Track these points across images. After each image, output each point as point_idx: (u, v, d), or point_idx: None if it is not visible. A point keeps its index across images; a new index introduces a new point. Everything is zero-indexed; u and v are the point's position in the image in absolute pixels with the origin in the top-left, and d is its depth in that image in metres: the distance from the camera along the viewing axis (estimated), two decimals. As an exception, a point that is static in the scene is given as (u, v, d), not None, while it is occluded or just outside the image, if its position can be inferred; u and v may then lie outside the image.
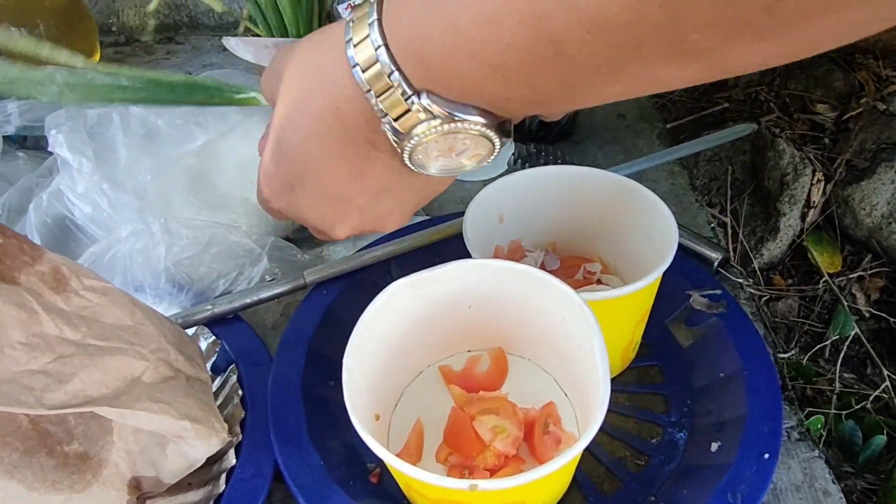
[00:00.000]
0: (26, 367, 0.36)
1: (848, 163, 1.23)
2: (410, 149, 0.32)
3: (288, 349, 0.49)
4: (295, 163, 0.35)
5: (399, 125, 0.31)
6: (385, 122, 0.31)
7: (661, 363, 0.50)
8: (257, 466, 0.43)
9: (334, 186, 0.35)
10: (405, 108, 0.30)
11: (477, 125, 0.31)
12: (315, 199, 0.36)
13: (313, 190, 0.36)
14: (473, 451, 0.42)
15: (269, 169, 0.37)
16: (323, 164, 0.34)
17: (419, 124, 0.31)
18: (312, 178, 0.35)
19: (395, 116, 0.31)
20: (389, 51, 0.29)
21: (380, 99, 0.30)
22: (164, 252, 0.49)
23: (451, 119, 0.30)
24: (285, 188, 0.37)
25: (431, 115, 0.30)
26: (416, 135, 0.31)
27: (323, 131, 0.33)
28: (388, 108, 0.30)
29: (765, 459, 0.40)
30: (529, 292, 0.43)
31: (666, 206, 0.46)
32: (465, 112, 0.30)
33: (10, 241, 0.38)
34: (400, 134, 0.31)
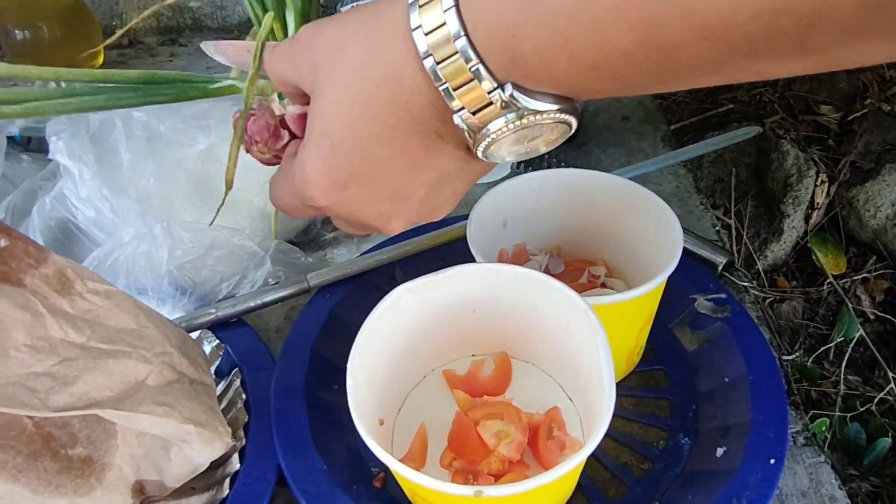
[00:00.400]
0: (31, 370, 0.36)
1: (852, 164, 1.22)
2: (487, 143, 0.30)
3: (291, 353, 0.49)
4: (352, 161, 0.32)
5: (477, 118, 0.29)
6: (460, 115, 0.29)
7: (666, 367, 0.50)
8: (261, 471, 0.43)
9: (395, 182, 0.33)
10: (486, 102, 0.28)
11: (557, 113, 0.29)
12: (373, 195, 0.34)
13: (372, 187, 0.33)
14: (478, 457, 0.42)
15: (317, 168, 0.33)
16: (385, 161, 0.32)
17: (498, 118, 0.29)
18: (372, 176, 0.33)
19: (474, 110, 0.29)
20: (472, 42, 0.27)
21: (457, 92, 0.28)
22: (166, 255, 0.49)
23: (533, 112, 0.29)
24: (337, 187, 0.33)
25: (514, 108, 0.28)
26: (493, 130, 0.29)
27: (388, 128, 0.31)
28: (467, 102, 0.28)
29: (770, 465, 0.40)
30: (534, 297, 0.42)
31: (671, 210, 0.46)
32: (547, 102, 0.29)
33: (15, 243, 0.38)
34: (475, 127, 0.30)
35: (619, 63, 0.25)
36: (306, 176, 0.33)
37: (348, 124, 0.31)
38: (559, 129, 0.31)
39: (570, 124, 0.30)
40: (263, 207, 0.57)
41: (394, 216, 0.35)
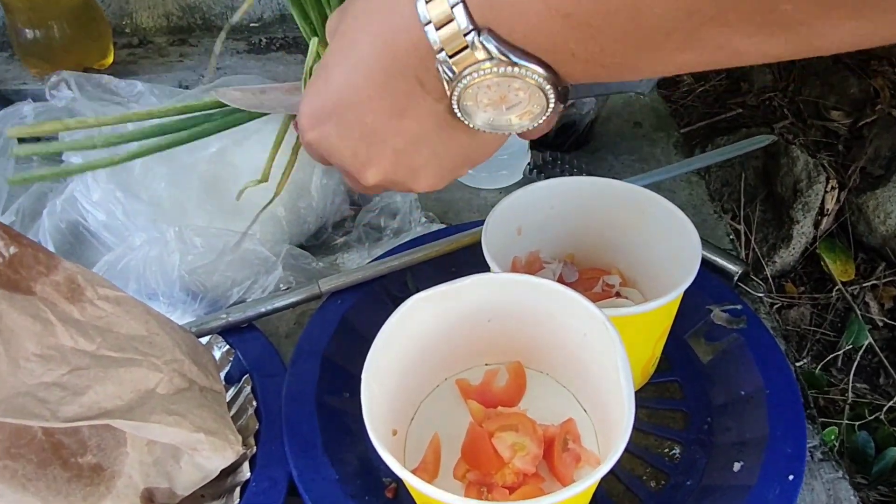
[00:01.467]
0: (41, 380, 0.36)
1: (862, 170, 1.22)
2: (461, 90, 0.31)
3: (302, 359, 0.49)
4: (337, 90, 0.34)
5: (453, 62, 0.29)
6: (440, 57, 0.30)
7: (681, 379, 0.49)
8: (271, 479, 0.43)
9: (372, 121, 0.34)
10: (463, 45, 0.29)
11: (534, 74, 0.29)
12: (350, 131, 0.35)
13: (350, 121, 0.34)
14: (492, 469, 0.41)
15: (311, 96, 0.35)
16: (365, 94, 0.33)
17: (474, 64, 0.29)
18: (351, 108, 0.34)
19: (451, 52, 0.29)
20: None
21: (439, 32, 0.29)
22: (178, 260, 0.49)
23: (508, 62, 0.29)
24: (322, 117, 0.35)
25: (489, 56, 0.29)
26: (467, 74, 0.30)
27: (371, 60, 0.32)
28: (445, 42, 0.29)
29: (789, 481, 0.40)
30: (550, 307, 0.42)
31: (688, 220, 0.45)
32: (525, 59, 0.29)
33: (25, 250, 0.38)
34: (452, 73, 0.30)
35: (590, 14, 0.25)
36: (303, 105, 0.36)
37: (339, 53, 0.33)
38: (536, 98, 0.31)
39: (546, 94, 0.30)
40: (275, 213, 0.57)
41: (369, 163, 0.36)
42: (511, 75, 0.29)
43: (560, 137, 0.70)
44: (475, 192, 0.65)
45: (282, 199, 0.57)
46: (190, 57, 0.90)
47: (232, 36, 0.94)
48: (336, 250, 0.60)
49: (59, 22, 0.78)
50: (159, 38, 0.94)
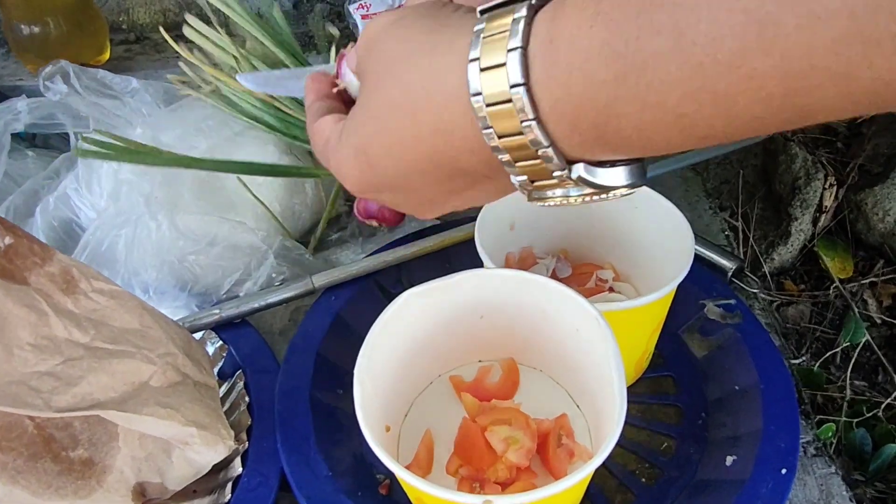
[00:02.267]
0: (34, 369, 0.36)
1: (861, 167, 1.22)
2: (541, 205, 0.28)
3: (296, 356, 0.49)
4: (384, 176, 0.30)
5: (534, 186, 0.26)
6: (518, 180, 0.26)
7: (675, 374, 0.49)
8: (263, 475, 0.43)
9: (433, 198, 0.31)
10: (550, 178, 0.25)
11: (627, 189, 0.26)
12: (407, 202, 0.32)
13: (407, 197, 0.32)
14: (484, 464, 0.41)
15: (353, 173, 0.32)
16: (423, 186, 0.30)
17: (560, 189, 0.26)
18: (408, 191, 0.31)
19: (534, 180, 0.26)
20: (543, 124, 0.24)
21: (519, 165, 0.25)
22: (168, 244, 0.48)
23: (600, 189, 0.26)
24: (370, 190, 0.32)
25: (576, 185, 0.25)
26: (551, 197, 0.27)
27: (430, 168, 0.29)
28: (528, 173, 0.26)
29: (782, 475, 0.40)
30: (543, 303, 0.42)
31: (682, 215, 0.45)
32: (618, 178, 0.25)
33: (20, 241, 0.38)
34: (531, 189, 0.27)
35: (740, 130, 0.22)
36: (342, 171, 0.32)
37: (388, 154, 0.29)
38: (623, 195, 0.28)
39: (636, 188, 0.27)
40: (270, 206, 0.57)
41: (425, 212, 0.34)
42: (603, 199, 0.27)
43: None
44: (470, 188, 0.64)
45: (276, 196, 0.57)
46: (186, 53, 0.90)
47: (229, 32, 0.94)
48: (330, 245, 0.59)
49: (55, 18, 0.78)
50: (156, 34, 0.94)
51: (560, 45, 0.22)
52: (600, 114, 0.23)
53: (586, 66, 0.22)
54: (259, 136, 0.58)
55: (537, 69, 0.23)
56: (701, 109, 0.21)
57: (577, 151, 0.24)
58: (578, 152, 0.24)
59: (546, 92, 0.23)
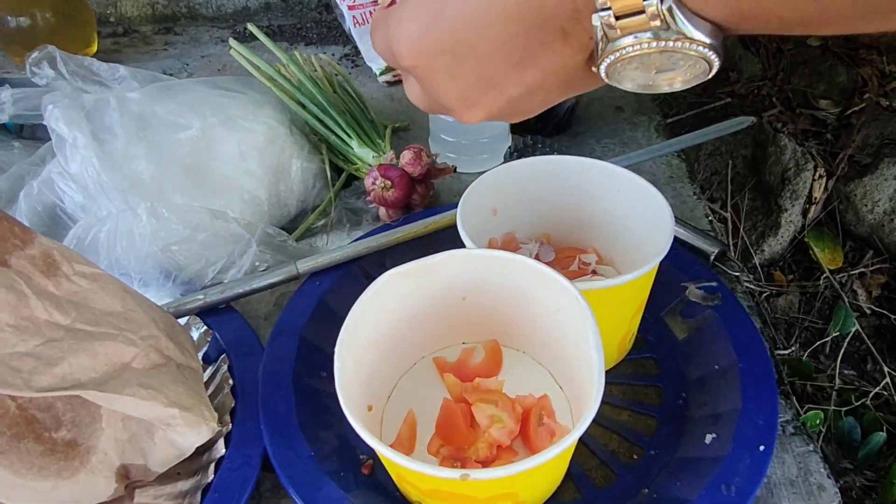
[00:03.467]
0: (14, 349, 0.36)
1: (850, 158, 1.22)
2: (615, 57, 0.26)
3: (280, 339, 0.49)
4: (455, 27, 0.28)
5: (619, 25, 0.25)
6: (601, 15, 0.25)
7: (657, 356, 0.49)
8: (246, 456, 0.43)
9: (494, 70, 0.29)
10: (638, 9, 0.24)
11: (705, 48, 0.25)
12: (464, 75, 0.30)
13: (466, 66, 0.29)
14: (465, 443, 0.41)
15: (414, 22, 0.29)
16: (491, 36, 0.28)
17: (641, 32, 0.25)
18: (471, 51, 0.28)
19: (620, 14, 0.25)
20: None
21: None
22: (149, 235, 0.49)
23: (684, 38, 0.25)
24: (431, 52, 0.29)
25: (665, 26, 0.24)
26: (628, 45, 0.25)
27: (510, 10, 0.27)
28: (615, 3, 0.24)
29: (760, 452, 0.40)
30: (524, 283, 0.42)
31: (660, 194, 0.46)
32: (702, 31, 0.25)
33: (0, 224, 0.38)
34: (612, 35, 0.25)
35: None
36: (401, 32, 0.30)
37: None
38: (698, 67, 0.27)
39: (711, 65, 0.26)
40: (256, 195, 0.57)
41: (476, 105, 0.31)
42: (680, 50, 0.25)
43: (541, 121, 0.70)
44: (455, 176, 0.65)
45: (263, 182, 0.57)
46: (174, 45, 0.90)
47: (217, 25, 0.94)
48: (315, 232, 0.60)
49: (42, 10, 0.78)
50: (144, 27, 0.94)
51: None
52: None
53: None
54: (244, 123, 0.58)
55: None
56: None
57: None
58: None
59: None
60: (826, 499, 0.42)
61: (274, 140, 0.58)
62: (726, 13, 0.24)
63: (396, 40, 0.30)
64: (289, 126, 0.61)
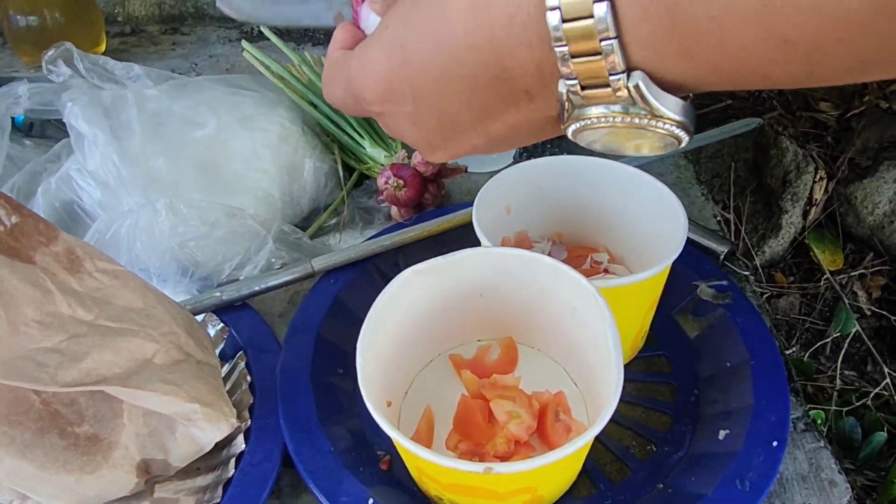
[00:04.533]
0: (40, 345, 0.36)
1: (850, 161, 1.23)
2: (581, 125, 0.26)
3: (297, 337, 0.49)
4: (417, 75, 0.28)
5: (584, 95, 0.24)
6: (567, 84, 0.24)
7: (668, 353, 0.50)
8: (266, 451, 0.43)
9: (458, 120, 0.29)
10: (604, 83, 0.23)
11: (676, 125, 0.24)
12: (428, 122, 0.30)
13: (430, 114, 0.29)
14: (483, 439, 0.42)
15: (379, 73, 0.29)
16: (456, 95, 0.27)
17: (609, 104, 0.24)
18: (435, 105, 0.28)
19: (586, 85, 0.24)
20: (615, 8, 0.22)
21: (575, 60, 0.23)
22: (168, 231, 0.49)
23: (651, 115, 0.24)
24: (393, 99, 0.29)
25: (631, 102, 0.24)
26: (596, 114, 0.25)
27: (474, 67, 0.26)
28: (581, 74, 0.24)
29: (773, 447, 0.41)
30: (542, 280, 0.43)
31: (674, 195, 0.46)
32: (671, 107, 0.24)
33: (26, 220, 0.38)
34: (577, 103, 0.25)
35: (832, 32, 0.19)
36: (365, 77, 0.30)
37: (432, 46, 0.27)
38: (667, 140, 0.26)
39: (681, 141, 0.26)
40: (270, 194, 0.57)
41: (440, 149, 0.31)
42: (648, 127, 0.25)
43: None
44: (466, 175, 0.65)
45: (276, 181, 0.58)
46: (182, 45, 0.91)
47: (224, 25, 0.95)
48: (329, 230, 0.60)
49: (51, 9, 0.79)
50: (151, 26, 0.94)
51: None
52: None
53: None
54: (269, 120, 0.59)
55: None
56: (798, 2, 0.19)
57: (643, 48, 0.23)
58: (643, 50, 0.23)
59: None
60: (837, 494, 0.43)
61: (287, 139, 0.59)
62: (704, 72, 0.23)
63: (360, 85, 0.30)
64: (301, 125, 0.61)
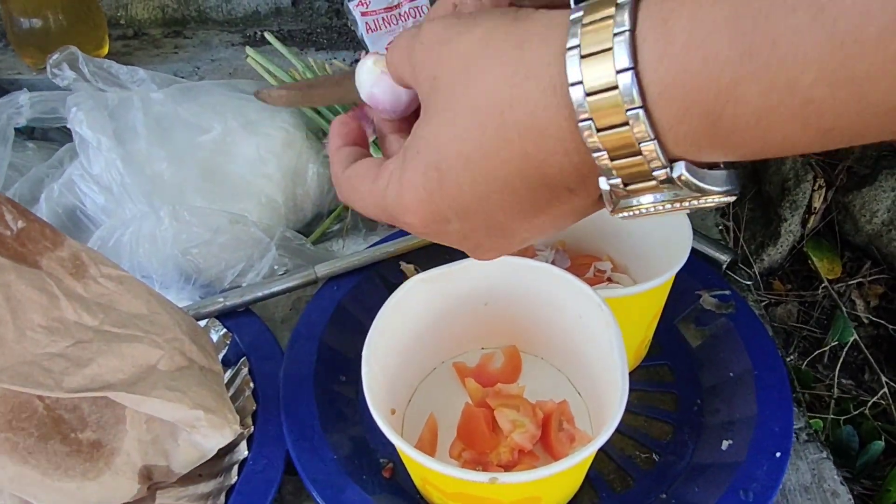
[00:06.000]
0: (46, 350, 0.36)
1: (849, 169, 1.24)
2: (630, 214, 0.25)
3: (300, 343, 0.49)
4: (462, 202, 0.28)
5: (628, 189, 0.24)
6: (610, 183, 0.24)
7: (671, 362, 0.50)
8: (269, 459, 0.43)
9: (502, 223, 0.29)
10: (648, 180, 0.23)
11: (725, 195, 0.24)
12: (474, 232, 0.30)
13: (476, 226, 0.29)
14: (487, 447, 0.42)
15: (420, 196, 0.29)
16: (498, 204, 0.28)
17: (653, 193, 0.24)
18: (480, 218, 0.29)
19: (628, 184, 0.24)
20: (650, 113, 0.22)
21: (615, 164, 0.23)
22: (171, 239, 0.49)
23: (699, 195, 0.23)
24: (438, 220, 0.29)
25: (678, 188, 0.23)
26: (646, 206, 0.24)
27: (512, 179, 0.26)
28: (624, 175, 0.23)
29: (776, 458, 0.41)
30: (546, 289, 0.43)
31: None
32: (717, 181, 0.23)
33: (32, 225, 0.38)
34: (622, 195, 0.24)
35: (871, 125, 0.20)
36: (404, 201, 0.29)
37: (466, 166, 0.27)
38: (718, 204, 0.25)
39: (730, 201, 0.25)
40: (273, 199, 0.57)
41: (491, 250, 0.32)
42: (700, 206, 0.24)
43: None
44: (470, 183, 0.65)
45: (280, 186, 0.58)
46: (185, 49, 0.91)
47: (227, 29, 0.95)
48: (332, 236, 0.60)
49: (54, 12, 0.79)
50: (154, 29, 0.94)
51: (676, 23, 0.21)
52: (718, 97, 0.21)
53: (707, 42, 0.20)
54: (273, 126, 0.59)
55: (647, 51, 0.22)
56: (834, 94, 0.19)
57: (680, 147, 0.22)
58: (680, 148, 0.22)
59: (656, 75, 0.21)
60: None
61: (291, 144, 0.59)
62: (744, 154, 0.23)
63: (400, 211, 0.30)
64: (305, 130, 0.61)
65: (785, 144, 0.22)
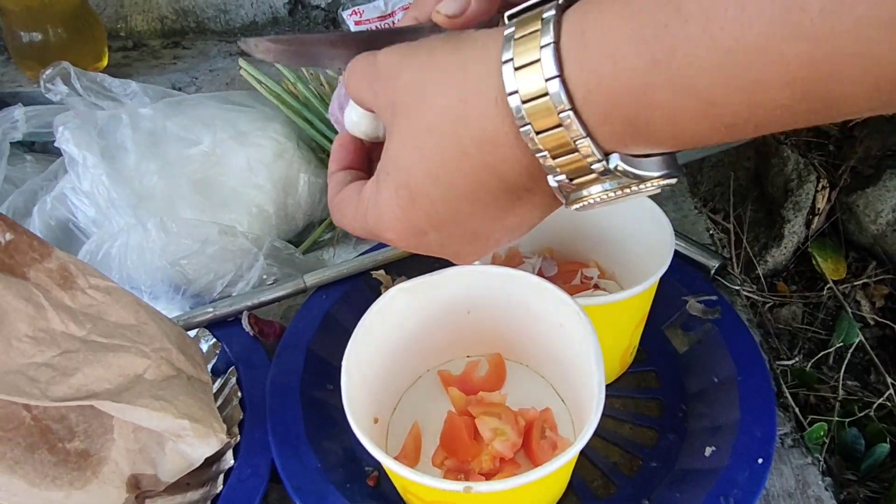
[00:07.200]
0: (32, 360, 0.37)
1: (853, 169, 1.23)
2: (581, 206, 0.28)
3: (287, 352, 0.50)
4: (433, 214, 0.31)
5: (574, 184, 0.27)
6: (556, 178, 0.27)
7: (657, 369, 0.50)
8: (254, 467, 0.44)
9: (475, 228, 0.31)
10: (589, 173, 0.26)
11: (666, 178, 0.26)
12: (451, 240, 0.32)
13: (451, 233, 0.32)
14: (469, 456, 0.42)
15: (395, 214, 0.31)
16: (468, 211, 0.30)
17: (598, 184, 0.26)
18: (453, 226, 0.31)
19: (573, 177, 0.26)
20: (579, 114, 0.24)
21: (557, 161, 0.26)
22: (159, 249, 0.50)
23: (637, 181, 0.26)
24: (415, 233, 0.32)
25: (619, 176, 0.26)
26: (593, 196, 0.27)
27: (474, 187, 0.29)
28: (567, 170, 0.26)
29: (758, 464, 0.41)
30: (527, 298, 0.43)
31: (662, 212, 0.46)
32: (653, 167, 0.26)
33: (20, 237, 0.39)
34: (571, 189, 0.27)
35: (766, 119, 0.22)
36: (383, 220, 0.32)
37: (434, 182, 0.29)
38: (662, 189, 0.28)
39: (672, 184, 0.28)
40: (264, 209, 0.58)
41: (469, 254, 0.34)
42: (643, 191, 0.27)
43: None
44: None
45: (271, 196, 0.59)
46: (183, 60, 0.92)
47: (225, 39, 0.96)
48: (322, 245, 0.61)
49: (54, 25, 0.80)
50: (153, 40, 0.95)
51: (591, 36, 0.24)
52: (633, 103, 0.23)
53: (617, 53, 0.23)
54: (263, 136, 0.59)
55: (570, 61, 0.24)
56: (729, 96, 0.22)
57: (611, 143, 0.25)
58: (612, 145, 0.25)
59: (579, 81, 0.24)
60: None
61: (282, 155, 0.60)
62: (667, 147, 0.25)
63: (382, 229, 0.33)
64: (297, 141, 0.62)
65: (697, 139, 0.24)
